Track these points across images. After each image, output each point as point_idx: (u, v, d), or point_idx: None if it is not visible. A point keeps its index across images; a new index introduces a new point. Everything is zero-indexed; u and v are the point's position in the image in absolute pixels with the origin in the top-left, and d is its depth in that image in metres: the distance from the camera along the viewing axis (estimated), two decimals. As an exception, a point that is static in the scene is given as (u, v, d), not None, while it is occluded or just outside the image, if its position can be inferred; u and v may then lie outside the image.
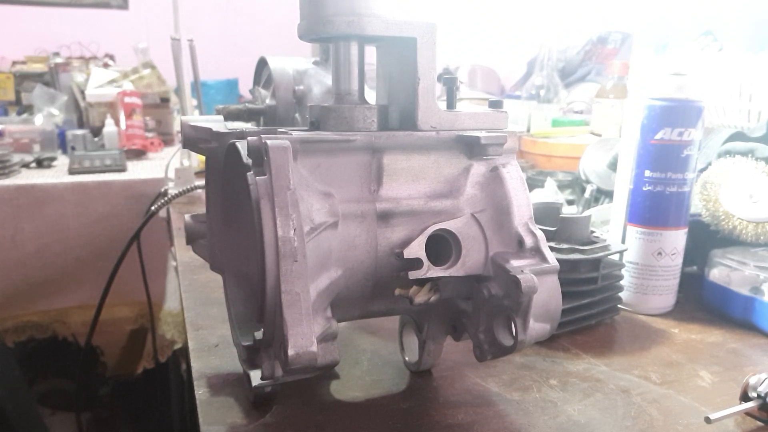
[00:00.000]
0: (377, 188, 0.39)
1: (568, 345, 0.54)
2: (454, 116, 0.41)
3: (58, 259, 1.38)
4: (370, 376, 0.47)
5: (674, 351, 0.54)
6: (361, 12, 0.38)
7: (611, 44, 2.04)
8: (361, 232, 0.38)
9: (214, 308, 0.59)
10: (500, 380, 0.47)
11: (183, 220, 0.52)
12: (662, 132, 0.58)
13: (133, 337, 1.48)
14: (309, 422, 0.41)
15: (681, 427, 0.42)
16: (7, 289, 1.36)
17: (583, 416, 0.43)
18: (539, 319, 0.37)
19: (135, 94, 1.85)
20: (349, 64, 0.42)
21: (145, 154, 1.75)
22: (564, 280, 0.39)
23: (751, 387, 0.43)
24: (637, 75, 1.13)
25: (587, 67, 1.91)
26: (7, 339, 1.38)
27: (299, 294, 0.32)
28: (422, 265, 0.37)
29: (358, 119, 0.41)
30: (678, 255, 0.61)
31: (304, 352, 0.32)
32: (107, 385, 1.68)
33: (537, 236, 0.38)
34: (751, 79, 0.86)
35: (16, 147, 1.64)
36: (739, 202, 0.63)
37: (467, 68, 2.15)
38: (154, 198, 1.12)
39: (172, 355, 1.38)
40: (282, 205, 0.33)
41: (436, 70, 0.40)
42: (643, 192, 0.60)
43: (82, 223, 1.39)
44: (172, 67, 1.18)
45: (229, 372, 0.47)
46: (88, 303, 1.38)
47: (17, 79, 2.17)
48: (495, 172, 0.40)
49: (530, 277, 0.35)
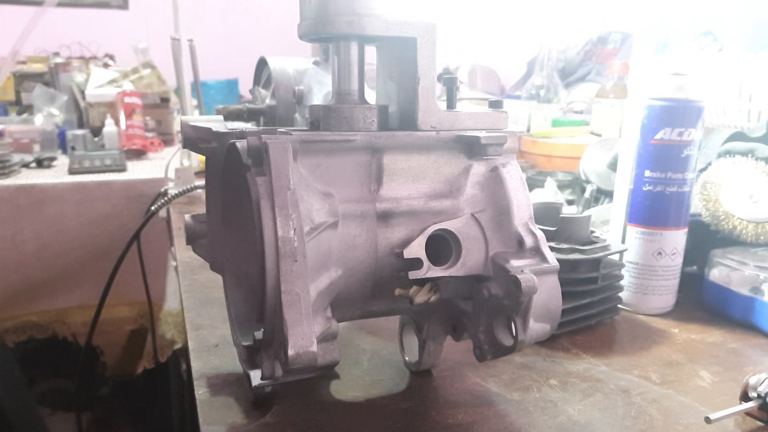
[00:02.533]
0: (377, 188, 0.39)
1: (568, 345, 0.54)
2: (454, 116, 0.41)
3: (58, 259, 1.38)
4: (370, 376, 0.47)
5: (674, 351, 0.54)
6: (361, 12, 0.38)
7: (611, 44, 2.04)
8: (361, 232, 0.38)
9: (214, 308, 0.59)
10: (500, 380, 0.47)
11: (183, 220, 0.52)
12: (662, 132, 0.58)
13: (133, 337, 1.48)
14: (309, 422, 0.41)
15: (681, 427, 0.42)
16: (7, 289, 1.36)
17: (583, 416, 0.43)
18: (539, 319, 0.37)
19: (135, 94, 1.85)
20: (349, 64, 0.42)
21: (145, 154, 1.75)
22: (564, 280, 0.39)
23: (751, 387, 0.43)
24: (637, 75, 1.13)
25: (587, 67, 1.91)
26: (7, 339, 1.38)
27: (299, 294, 0.32)
28: (422, 265, 0.37)
29: (358, 119, 0.41)
30: (678, 255, 0.61)
31: (304, 352, 0.32)
32: (107, 385, 1.68)
33: (537, 236, 0.38)
34: (751, 79, 0.86)
35: (16, 147, 1.64)
36: (739, 202, 0.63)
37: (467, 68, 2.15)
38: (154, 198, 1.12)
39: (172, 355, 1.38)
40: (282, 205, 0.33)
41: (436, 70, 0.40)
42: (643, 192, 0.60)
43: (82, 223, 1.39)
44: (172, 67, 1.18)
45: (229, 372, 0.47)
46: (88, 303, 1.38)
47: (17, 79, 2.16)
48: (495, 172, 0.40)
49: (530, 277, 0.35)
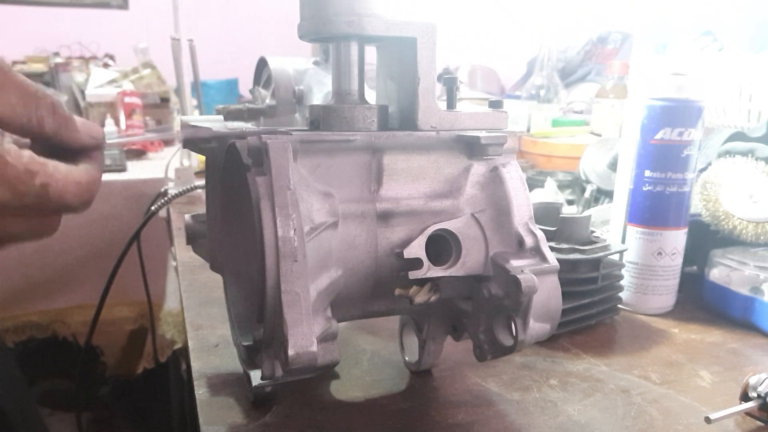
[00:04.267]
0: (377, 188, 0.39)
1: (568, 345, 0.54)
2: (454, 116, 0.41)
3: (58, 259, 1.38)
4: (370, 376, 0.47)
5: (674, 351, 0.54)
6: (361, 12, 0.38)
7: (611, 44, 2.04)
8: (361, 232, 0.38)
9: (214, 308, 0.59)
10: (500, 380, 0.47)
11: (183, 220, 0.52)
12: (662, 132, 0.58)
13: (133, 337, 1.48)
14: (309, 422, 0.41)
15: (681, 427, 0.42)
16: (7, 289, 1.35)
17: (583, 416, 0.43)
18: (539, 319, 0.37)
19: (135, 94, 1.85)
20: (349, 64, 0.42)
21: (145, 154, 1.75)
22: (564, 280, 0.39)
23: (751, 387, 0.43)
24: (637, 75, 1.13)
25: (587, 67, 1.91)
26: (7, 339, 1.38)
27: (299, 294, 0.32)
28: (422, 265, 0.37)
29: (358, 119, 0.41)
30: (678, 255, 0.61)
31: (304, 352, 0.32)
32: (107, 385, 1.68)
33: (537, 236, 0.38)
34: (751, 79, 0.87)
35: (16, 147, 1.64)
36: (739, 202, 0.63)
37: (467, 68, 2.15)
38: (154, 198, 1.12)
39: (172, 355, 1.38)
40: (282, 205, 0.33)
41: (436, 70, 0.40)
42: (643, 192, 0.60)
43: (82, 223, 1.38)
44: (172, 67, 1.18)
45: (229, 372, 0.47)
46: (88, 303, 1.37)
47: (17, 79, 2.16)
48: (495, 172, 0.40)
49: (530, 277, 0.35)
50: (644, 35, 1.68)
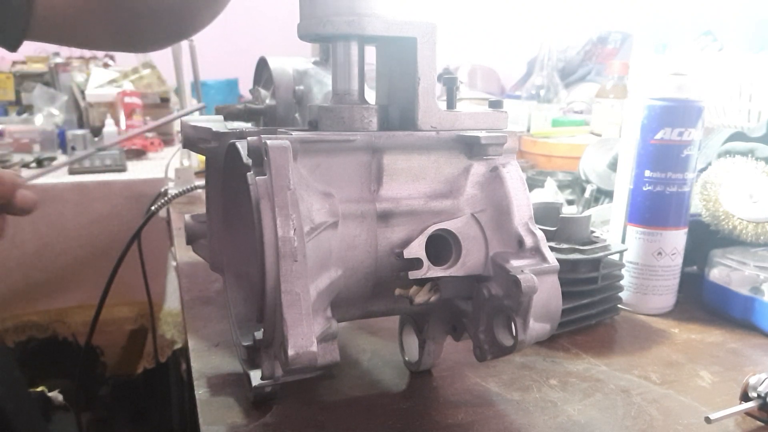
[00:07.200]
0: (377, 188, 0.39)
1: (568, 345, 0.54)
2: (454, 116, 0.41)
3: (58, 259, 1.38)
4: (370, 376, 0.47)
5: (674, 351, 0.54)
6: (361, 12, 0.38)
7: (611, 44, 2.04)
8: (361, 232, 0.38)
9: (214, 308, 0.59)
10: (500, 380, 0.47)
11: (183, 220, 0.52)
12: (662, 132, 0.58)
13: (133, 337, 1.48)
14: (309, 422, 0.41)
15: (681, 427, 0.42)
16: (7, 289, 1.35)
17: (583, 416, 0.43)
18: (539, 319, 0.37)
19: (135, 94, 1.86)
20: (349, 64, 0.42)
21: (145, 154, 1.75)
22: (564, 280, 0.39)
23: (751, 387, 0.43)
24: (637, 75, 1.13)
25: (587, 67, 1.91)
26: (7, 339, 1.38)
27: (299, 294, 0.32)
28: (422, 265, 0.37)
29: (357, 119, 0.41)
30: (678, 255, 0.61)
31: (304, 352, 0.32)
32: (107, 385, 1.68)
33: (537, 236, 0.38)
34: (751, 79, 0.87)
35: (16, 147, 1.64)
36: (739, 202, 0.63)
37: (467, 68, 2.15)
38: (154, 198, 1.12)
39: (172, 355, 1.38)
40: (282, 205, 0.33)
41: (436, 70, 0.40)
42: (643, 192, 0.60)
43: (82, 223, 1.39)
44: (172, 67, 1.18)
45: (229, 372, 0.47)
46: (88, 303, 1.37)
47: (17, 79, 2.16)
48: (495, 172, 0.40)
49: (530, 277, 0.35)
50: (644, 35, 1.68)
